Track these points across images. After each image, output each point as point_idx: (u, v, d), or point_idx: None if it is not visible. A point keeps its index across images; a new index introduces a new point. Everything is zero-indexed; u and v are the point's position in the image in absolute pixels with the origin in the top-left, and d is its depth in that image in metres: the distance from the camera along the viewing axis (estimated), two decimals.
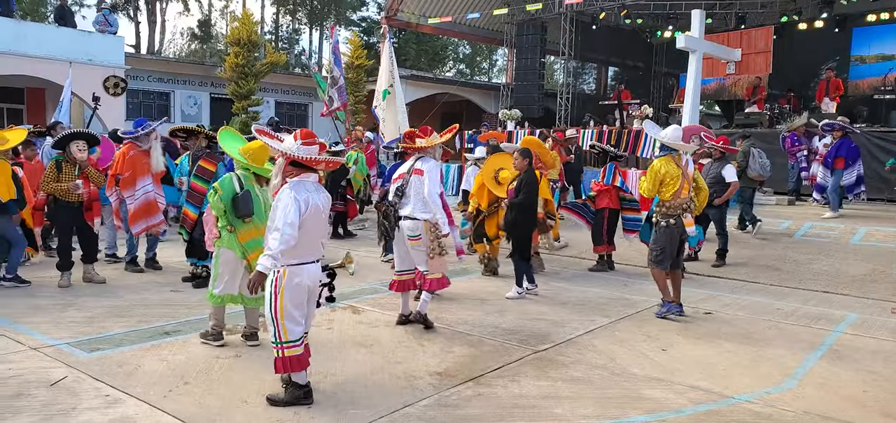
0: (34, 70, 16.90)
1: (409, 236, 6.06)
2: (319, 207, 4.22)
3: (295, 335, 4.19)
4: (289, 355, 4.18)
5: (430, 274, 6.09)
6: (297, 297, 4.19)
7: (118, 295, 7.10)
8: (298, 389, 4.27)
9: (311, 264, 4.25)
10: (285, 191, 4.12)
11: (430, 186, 5.96)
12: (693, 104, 13.17)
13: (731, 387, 4.83)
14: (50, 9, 36.55)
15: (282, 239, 3.97)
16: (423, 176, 6.02)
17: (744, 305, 7.47)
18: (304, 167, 4.21)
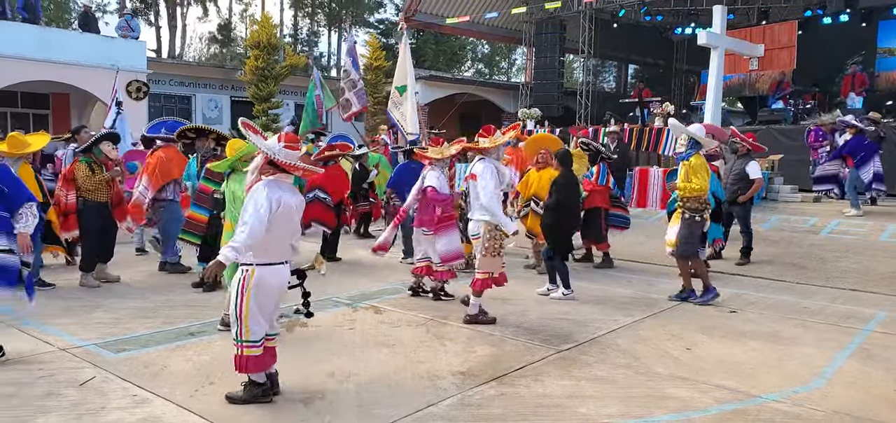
0: (59, 76, 17.18)
1: (472, 235, 6.33)
2: (292, 208, 4.16)
3: (256, 336, 4.16)
4: (248, 354, 4.16)
5: (479, 273, 6.22)
6: (264, 298, 4.15)
7: (143, 296, 7.19)
8: (256, 387, 4.28)
9: (280, 264, 4.20)
10: (259, 187, 4.08)
11: (484, 190, 6.10)
12: (715, 101, 13.04)
13: (758, 386, 4.77)
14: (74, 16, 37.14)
15: (249, 233, 3.91)
16: (477, 179, 6.19)
17: (769, 303, 7.37)
18: (281, 169, 4.16)
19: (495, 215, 6.09)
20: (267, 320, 4.23)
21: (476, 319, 6.24)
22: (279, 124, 20.88)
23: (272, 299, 4.23)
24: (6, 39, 16.07)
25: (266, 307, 4.19)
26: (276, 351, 4.40)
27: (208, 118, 23.35)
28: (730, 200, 9.26)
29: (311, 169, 4.47)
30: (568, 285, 7.45)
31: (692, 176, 7.00)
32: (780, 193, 14.05)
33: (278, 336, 4.48)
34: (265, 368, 4.28)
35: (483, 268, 6.21)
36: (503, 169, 6.58)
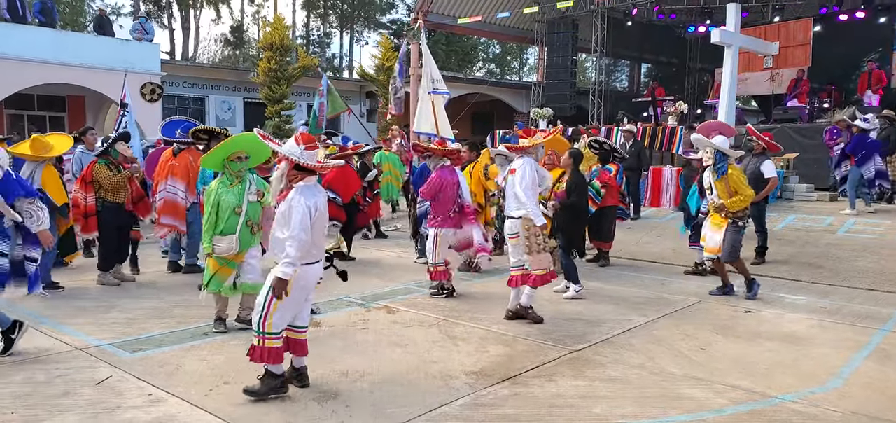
0: (74, 78, 17.36)
1: (508, 234, 6.38)
2: (322, 210, 4.34)
3: (278, 328, 4.29)
4: (269, 346, 4.27)
5: (535, 269, 6.24)
6: (298, 295, 4.32)
7: (158, 297, 7.24)
8: (274, 378, 4.35)
9: (314, 264, 4.38)
10: (295, 196, 4.18)
11: (520, 181, 6.18)
12: (729, 99, 12.91)
13: (774, 387, 4.72)
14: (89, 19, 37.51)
15: (298, 245, 4.08)
16: (515, 175, 6.26)
17: (785, 303, 7.30)
18: (308, 171, 4.26)
19: (525, 204, 6.15)
20: (292, 314, 4.37)
21: (525, 311, 6.33)
22: (292, 125, 20.99)
23: (303, 295, 4.40)
24: (23, 43, 16.26)
25: (297, 302, 4.35)
26: (307, 344, 4.53)
27: (221, 120, 23.50)
28: None
29: (334, 164, 4.56)
30: (577, 280, 7.47)
31: (740, 188, 7.20)
32: (796, 192, 13.91)
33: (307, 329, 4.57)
34: (282, 360, 4.36)
35: (536, 265, 6.26)
36: (544, 171, 6.65)
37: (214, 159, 5.73)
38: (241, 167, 5.65)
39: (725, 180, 7.22)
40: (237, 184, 5.67)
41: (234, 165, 5.64)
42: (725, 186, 7.24)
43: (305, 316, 4.54)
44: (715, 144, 7.27)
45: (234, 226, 5.61)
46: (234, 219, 5.61)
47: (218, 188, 5.65)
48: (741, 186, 7.24)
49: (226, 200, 5.60)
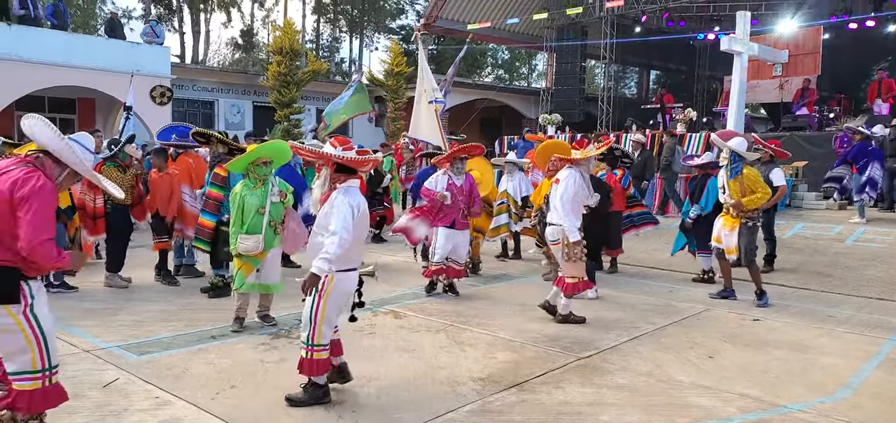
0: (85, 81, 17.47)
1: (550, 240, 6.58)
2: (365, 212, 4.32)
3: (326, 339, 4.29)
4: (317, 358, 4.26)
5: (568, 277, 6.41)
6: (340, 302, 4.29)
7: (166, 300, 7.27)
8: (318, 389, 4.35)
9: (353, 270, 4.35)
10: (338, 196, 4.18)
11: (562, 192, 6.35)
12: (738, 107, 12.86)
13: (783, 396, 4.69)
14: (100, 22, 37.80)
15: (340, 243, 4.02)
16: (559, 185, 6.41)
17: (794, 311, 7.26)
18: (349, 172, 4.28)
19: (563, 217, 6.29)
20: (336, 322, 4.39)
21: (567, 318, 6.50)
22: (301, 129, 21.04)
23: (344, 300, 4.38)
24: (35, 45, 16.39)
25: (338, 309, 4.34)
26: (337, 344, 4.54)
27: (231, 123, 23.59)
28: None
29: (375, 158, 4.51)
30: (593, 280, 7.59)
31: (755, 187, 7.27)
32: (805, 201, 13.85)
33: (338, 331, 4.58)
34: (327, 370, 4.37)
35: (570, 273, 6.41)
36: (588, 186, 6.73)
37: (241, 164, 6.08)
38: (265, 172, 5.99)
39: (740, 180, 7.31)
40: (260, 186, 5.99)
41: (258, 169, 5.97)
42: (739, 186, 7.32)
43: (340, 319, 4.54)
44: (731, 146, 7.38)
45: (259, 226, 5.90)
46: (258, 219, 5.92)
47: (242, 191, 5.97)
48: (758, 185, 7.33)
49: (249, 202, 5.92)
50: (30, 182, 3.19)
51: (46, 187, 3.24)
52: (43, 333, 3.32)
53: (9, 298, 3.20)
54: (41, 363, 3.33)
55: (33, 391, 3.34)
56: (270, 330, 6.07)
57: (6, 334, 3.26)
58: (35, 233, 3.14)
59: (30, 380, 3.32)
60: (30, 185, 3.18)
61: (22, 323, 3.24)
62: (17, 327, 3.24)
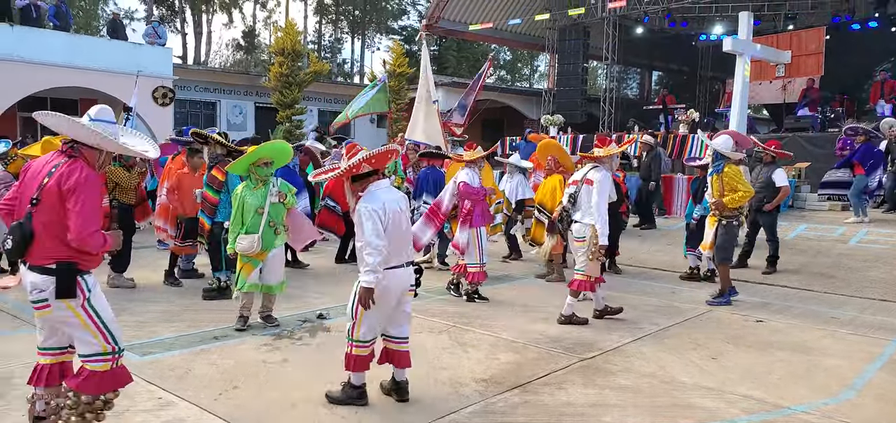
0: (87, 82, 17.49)
1: (576, 237, 6.54)
2: (398, 210, 4.22)
3: (365, 337, 4.26)
4: (356, 353, 4.26)
5: (580, 274, 6.50)
6: (382, 300, 4.20)
7: (168, 300, 7.27)
8: (353, 389, 4.34)
9: (398, 268, 4.23)
10: (361, 207, 4.14)
11: (599, 197, 6.32)
12: (741, 108, 12.85)
13: (786, 397, 4.68)
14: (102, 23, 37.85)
15: (374, 251, 4.02)
16: (593, 186, 6.36)
17: (797, 313, 7.25)
18: (367, 176, 4.24)
19: (599, 220, 6.30)
20: (382, 323, 4.32)
21: (570, 319, 6.49)
22: (303, 130, 21.05)
23: (390, 302, 4.27)
24: (38, 46, 16.41)
25: (384, 310, 4.26)
26: (405, 355, 4.45)
27: (233, 124, 23.60)
28: (755, 209, 9.15)
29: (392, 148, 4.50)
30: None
31: (736, 186, 7.22)
32: (808, 202, 13.84)
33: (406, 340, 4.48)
34: (367, 367, 4.33)
35: (584, 270, 6.46)
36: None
37: (241, 166, 6.10)
38: (266, 172, 6.01)
39: (721, 178, 7.32)
40: (260, 187, 6.01)
41: (259, 170, 6.00)
42: (720, 184, 7.33)
43: (402, 326, 4.44)
44: (713, 145, 7.46)
45: (257, 226, 5.91)
46: (256, 219, 5.93)
47: (243, 192, 6.00)
48: (738, 183, 7.24)
49: (249, 202, 5.94)
50: (75, 174, 3.28)
51: (91, 178, 3.35)
52: (103, 322, 3.45)
53: (67, 293, 3.31)
54: (110, 346, 3.48)
55: (104, 372, 3.47)
56: (273, 331, 6.07)
57: (69, 325, 3.40)
58: (84, 224, 3.25)
59: (101, 361, 3.45)
60: (75, 177, 3.28)
61: (82, 316, 3.36)
62: (78, 320, 3.37)
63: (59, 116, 3.39)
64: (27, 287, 3.35)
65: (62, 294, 3.30)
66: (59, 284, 3.28)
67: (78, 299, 3.34)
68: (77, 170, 3.31)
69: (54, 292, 3.28)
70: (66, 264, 3.30)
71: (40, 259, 3.29)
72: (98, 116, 3.50)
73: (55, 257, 3.29)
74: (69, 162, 3.34)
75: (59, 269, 3.28)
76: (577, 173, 6.81)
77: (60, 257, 3.29)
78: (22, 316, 6.47)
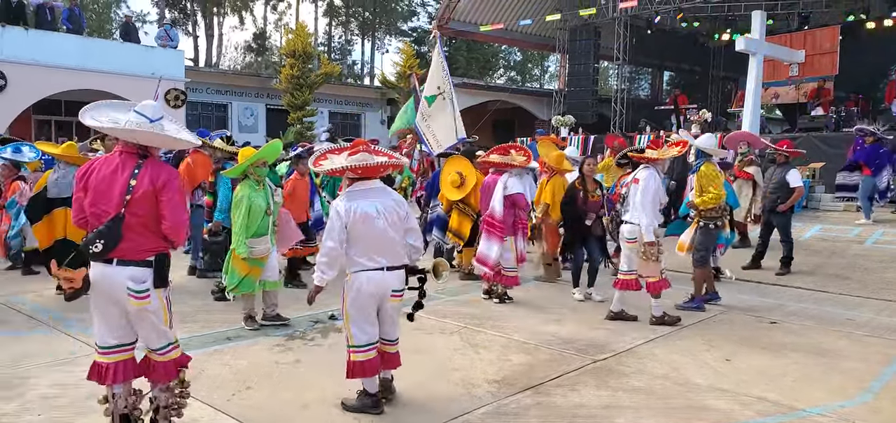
0: (101, 84, 17.64)
1: (627, 239, 6.50)
2: (370, 213, 4.10)
3: (359, 341, 4.19)
4: (353, 359, 4.20)
5: (648, 277, 6.46)
6: (360, 303, 4.16)
7: (181, 300, 7.26)
8: (367, 397, 4.28)
9: (372, 271, 4.15)
10: (335, 203, 4.24)
11: (641, 195, 6.30)
12: (753, 108, 12.78)
13: (802, 400, 4.63)
14: (115, 26, 38.15)
15: (323, 250, 4.16)
16: (639, 183, 6.35)
17: (812, 314, 7.17)
18: (359, 177, 4.21)
19: (641, 218, 6.27)
20: (368, 325, 4.22)
21: (662, 320, 6.49)
22: (313, 132, 21.12)
23: (367, 304, 4.19)
24: (52, 50, 16.57)
25: (367, 312, 4.20)
26: (393, 356, 4.44)
27: (244, 126, 23.74)
28: (769, 209, 9.08)
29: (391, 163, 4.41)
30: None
31: (707, 187, 7.04)
32: (822, 202, 13.72)
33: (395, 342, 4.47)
34: (372, 373, 4.26)
35: (647, 272, 6.46)
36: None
37: (241, 169, 6.05)
38: (264, 173, 6.08)
39: (697, 177, 7.18)
40: (262, 188, 6.02)
41: (259, 170, 6.01)
42: (697, 183, 7.18)
43: (394, 329, 4.41)
44: (697, 143, 7.41)
45: (266, 227, 5.94)
46: (265, 220, 5.94)
47: (249, 193, 5.89)
48: (710, 184, 7.00)
49: (257, 204, 5.88)
50: (163, 171, 3.55)
51: (174, 172, 3.68)
52: (171, 310, 3.69)
53: (164, 282, 3.57)
54: (173, 336, 3.71)
55: (178, 358, 3.73)
56: (285, 332, 6.08)
57: (155, 316, 3.57)
58: (178, 214, 3.54)
59: (174, 349, 3.71)
60: (165, 173, 3.54)
61: (165, 304, 3.60)
62: (162, 309, 3.59)
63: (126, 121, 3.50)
64: (123, 283, 3.44)
65: (160, 284, 3.53)
66: (158, 274, 3.52)
67: (166, 289, 3.60)
68: (164, 168, 3.59)
69: (154, 281, 3.50)
70: (162, 255, 3.56)
71: (137, 254, 3.47)
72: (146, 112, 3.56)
73: (153, 250, 3.52)
74: (150, 160, 3.54)
75: (158, 260, 3.53)
76: (629, 176, 6.78)
77: (157, 249, 3.53)
78: (37, 317, 6.54)
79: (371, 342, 4.23)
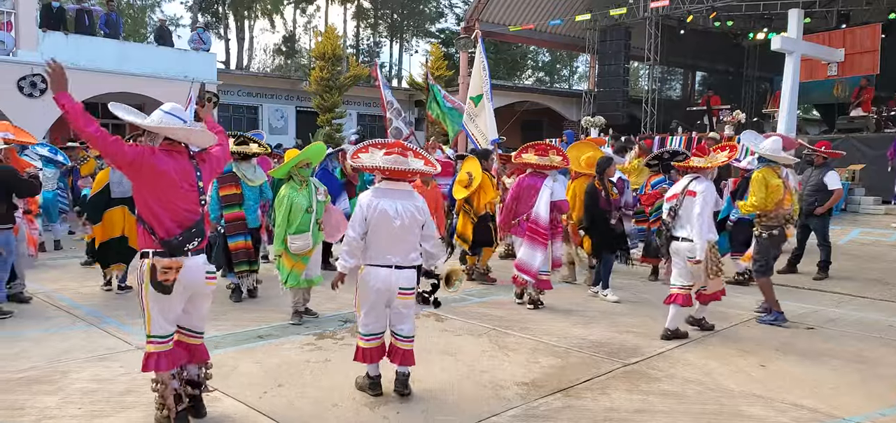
0: (136, 87, 17.98)
1: (689, 257, 5.98)
2: (388, 212, 4.31)
3: (365, 329, 4.47)
4: (360, 345, 4.52)
5: (710, 289, 6.23)
6: (366, 295, 4.41)
7: (214, 299, 7.38)
8: (367, 379, 4.57)
9: (380, 267, 4.35)
10: (362, 195, 4.47)
11: (701, 209, 5.90)
12: (790, 109, 12.52)
13: (840, 407, 4.52)
14: (150, 30, 38.91)
15: (344, 240, 4.46)
16: (696, 197, 5.94)
17: (850, 320, 7.00)
18: (388, 176, 4.41)
19: (697, 235, 5.87)
20: (375, 318, 4.46)
21: (675, 334, 6.10)
22: (342, 134, 21.27)
23: (374, 298, 4.41)
24: (90, 54, 16.94)
25: (373, 303, 4.42)
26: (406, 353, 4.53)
27: (275, 128, 23.98)
28: (806, 212, 8.88)
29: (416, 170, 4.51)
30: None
31: (754, 191, 6.61)
32: (862, 205, 13.38)
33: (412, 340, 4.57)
34: (372, 360, 4.51)
35: (713, 288, 6.22)
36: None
37: (285, 170, 6.33)
38: (307, 174, 6.29)
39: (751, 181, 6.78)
40: (304, 188, 6.23)
41: (302, 171, 6.25)
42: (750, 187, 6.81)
43: (403, 325, 4.50)
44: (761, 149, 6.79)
45: (308, 224, 6.15)
46: (306, 218, 6.15)
47: (289, 193, 6.18)
48: (755, 188, 6.58)
49: (298, 203, 6.14)
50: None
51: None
52: None
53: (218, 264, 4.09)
54: None
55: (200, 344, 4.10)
56: (316, 330, 6.14)
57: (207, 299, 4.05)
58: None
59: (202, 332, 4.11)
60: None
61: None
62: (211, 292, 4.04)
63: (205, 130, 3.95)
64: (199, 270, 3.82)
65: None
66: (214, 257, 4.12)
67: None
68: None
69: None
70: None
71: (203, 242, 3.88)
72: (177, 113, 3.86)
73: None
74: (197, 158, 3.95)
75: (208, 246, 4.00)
76: (676, 186, 6.33)
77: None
78: (74, 312, 6.69)
79: (374, 333, 4.49)
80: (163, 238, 3.68)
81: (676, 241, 6.09)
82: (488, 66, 11.18)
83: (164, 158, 3.73)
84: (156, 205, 3.69)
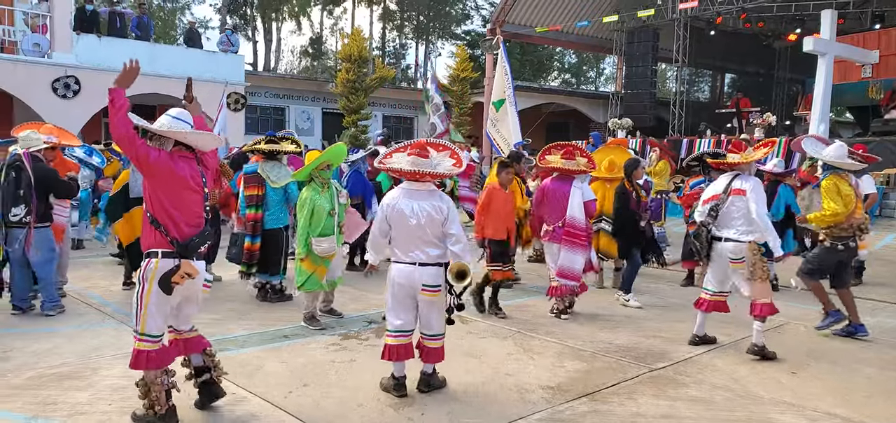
0: (166, 88, 18.27)
1: (732, 258, 5.73)
2: (404, 211, 4.44)
3: (392, 326, 4.56)
4: (387, 342, 4.57)
5: (759, 299, 5.69)
6: (393, 290, 4.55)
7: (240, 298, 7.48)
8: (392, 379, 4.58)
9: (407, 264, 4.48)
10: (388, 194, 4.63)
11: (758, 207, 5.59)
12: (822, 111, 12.27)
13: (874, 416, 4.41)
14: (179, 32, 39.50)
15: (370, 236, 4.76)
16: (747, 195, 5.63)
17: (886, 327, 6.83)
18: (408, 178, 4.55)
19: (766, 232, 5.58)
20: (402, 315, 4.55)
21: (762, 351, 5.64)
22: (368, 135, 21.37)
23: (398, 293, 4.53)
24: (122, 55, 16.99)
25: (399, 299, 4.54)
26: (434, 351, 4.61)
27: (301, 129, 24.18)
28: None
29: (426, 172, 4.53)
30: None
31: (827, 201, 6.25)
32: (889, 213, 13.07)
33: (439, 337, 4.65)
34: (400, 358, 4.55)
35: (760, 295, 5.68)
36: None
37: (306, 172, 6.31)
38: (327, 175, 6.27)
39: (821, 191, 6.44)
40: (326, 190, 6.21)
41: (323, 173, 6.24)
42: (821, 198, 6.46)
43: (430, 323, 4.58)
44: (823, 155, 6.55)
45: (331, 227, 6.14)
46: (329, 221, 6.14)
47: (312, 195, 6.14)
48: (825, 198, 6.27)
49: (320, 205, 6.12)
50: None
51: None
52: None
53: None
54: None
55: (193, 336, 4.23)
56: (341, 331, 6.16)
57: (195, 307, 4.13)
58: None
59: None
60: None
61: None
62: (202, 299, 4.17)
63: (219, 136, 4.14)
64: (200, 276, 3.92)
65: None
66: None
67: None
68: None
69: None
70: None
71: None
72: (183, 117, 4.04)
73: None
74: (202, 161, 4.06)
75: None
76: (714, 185, 6.01)
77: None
78: (104, 310, 6.81)
79: (402, 330, 4.55)
80: (176, 239, 3.75)
81: (719, 242, 5.80)
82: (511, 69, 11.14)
83: (180, 162, 3.84)
84: (171, 207, 3.78)
